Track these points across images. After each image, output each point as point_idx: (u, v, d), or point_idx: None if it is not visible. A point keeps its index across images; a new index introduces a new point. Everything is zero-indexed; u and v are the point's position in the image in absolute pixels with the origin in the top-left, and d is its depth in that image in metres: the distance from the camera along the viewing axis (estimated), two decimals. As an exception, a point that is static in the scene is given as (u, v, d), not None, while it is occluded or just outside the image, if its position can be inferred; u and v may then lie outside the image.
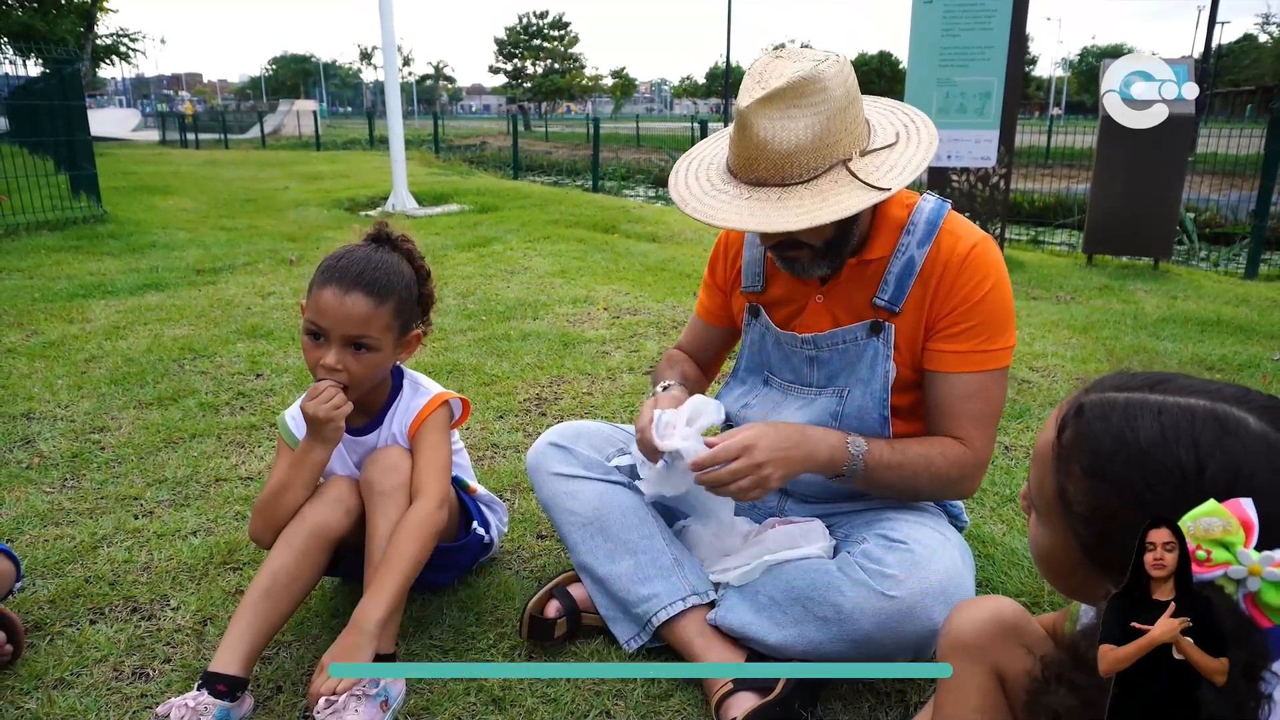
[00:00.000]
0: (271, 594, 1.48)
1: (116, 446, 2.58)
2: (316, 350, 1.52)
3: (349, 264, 1.53)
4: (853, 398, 1.53)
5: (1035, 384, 3.15)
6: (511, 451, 2.56)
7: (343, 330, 1.50)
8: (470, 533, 1.76)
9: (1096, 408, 0.82)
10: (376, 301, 1.52)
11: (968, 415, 1.47)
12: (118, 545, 2.01)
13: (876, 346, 1.50)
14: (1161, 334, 3.90)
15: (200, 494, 2.29)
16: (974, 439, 1.47)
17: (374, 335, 1.52)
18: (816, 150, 1.31)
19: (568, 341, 3.70)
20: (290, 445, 1.64)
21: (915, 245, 1.47)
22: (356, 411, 1.67)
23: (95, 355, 3.48)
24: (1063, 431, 0.84)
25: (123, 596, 1.80)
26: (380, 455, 1.62)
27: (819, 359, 1.57)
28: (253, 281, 5.02)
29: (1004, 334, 1.47)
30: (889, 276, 1.48)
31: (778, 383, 1.65)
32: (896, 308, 1.48)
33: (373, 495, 1.58)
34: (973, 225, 1.50)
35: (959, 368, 1.46)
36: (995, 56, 5.58)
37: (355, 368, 1.52)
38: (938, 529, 1.44)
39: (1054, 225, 8.92)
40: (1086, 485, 0.80)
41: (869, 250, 1.49)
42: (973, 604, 1.12)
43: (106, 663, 1.58)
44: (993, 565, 1.90)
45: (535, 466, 1.68)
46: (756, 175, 1.34)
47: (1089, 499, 0.80)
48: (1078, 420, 0.83)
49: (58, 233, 6.73)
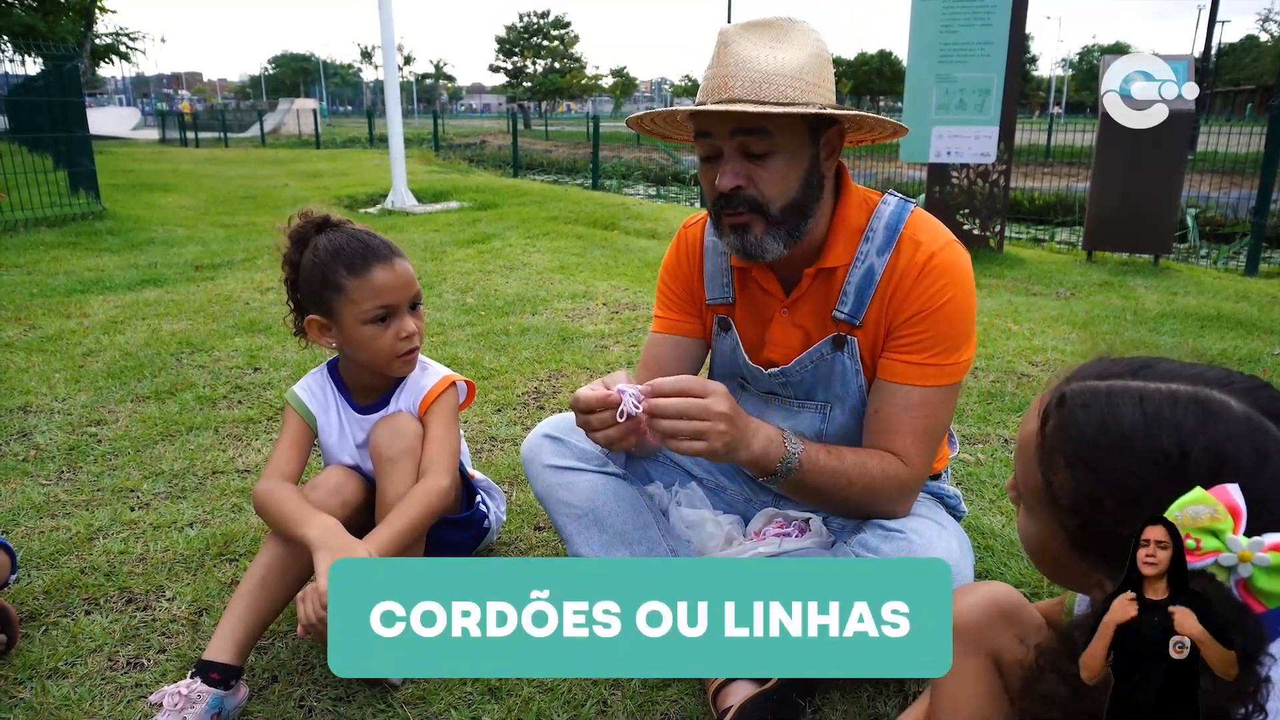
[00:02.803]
0: (266, 584, 1.48)
1: (113, 439, 2.57)
2: (385, 333, 1.55)
3: (364, 243, 1.56)
4: (834, 416, 1.50)
5: (1035, 378, 3.15)
6: (510, 444, 2.55)
7: (409, 296, 1.58)
8: (474, 508, 1.76)
9: (1078, 396, 0.81)
10: (406, 260, 1.60)
11: (909, 429, 1.37)
12: (113, 537, 2.00)
13: (844, 362, 1.44)
14: (1162, 329, 3.90)
15: (197, 486, 2.28)
16: (911, 455, 1.37)
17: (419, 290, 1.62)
18: (797, 80, 1.27)
19: (566, 336, 3.69)
20: (301, 416, 1.66)
21: (875, 253, 1.39)
22: (364, 390, 1.68)
23: (93, 350, 3.48)
24: (1045, 422, 0.83)
25: (118, 587, 1.79)
26: (389, 421, 1.62)
27: (790, 382, 1.52)
28: (251, 277, 5.01)
29: (960, 348, 1.38)
30: (848, 287, 1.41)
31: (755, 391, 1.60)
32: (857, 320, 1.41)
33: (381, 461, 1.58)
34: (940, 228, 1.41)
35: (908, 379, 1.38)
36: (995, 52, 5.57)
37: (420, 325, 1.62)
38: (934, 517, 1.43)
39: (1054, 224, 8.92)
40: (1070, 475, 0.79)
41: (826, 257, 1.42)
42: (970, 590, 1.11)
43: (101, 653, 1.57)
44: (992, 556, 1.89)
45: (530, 459, 1.67)
46: (730, 94, 1.27)
47: (1074, 489, 0.79)
48: (1060, 410, 0.82)
49: (56, 229, 6.72)
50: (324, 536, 1.41)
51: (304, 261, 1.57)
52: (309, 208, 1.64)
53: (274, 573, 1.49)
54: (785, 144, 1.32)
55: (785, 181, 1.34)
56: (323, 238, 1.57)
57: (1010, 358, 3.37)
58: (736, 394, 1.64)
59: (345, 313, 1.54)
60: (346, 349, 1.61)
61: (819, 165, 1.37)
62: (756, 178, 1.34)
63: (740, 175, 1.34)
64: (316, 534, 1.41)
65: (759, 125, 1.30)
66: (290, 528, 1.45)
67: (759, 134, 1.31)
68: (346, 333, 1.56)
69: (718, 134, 1.33)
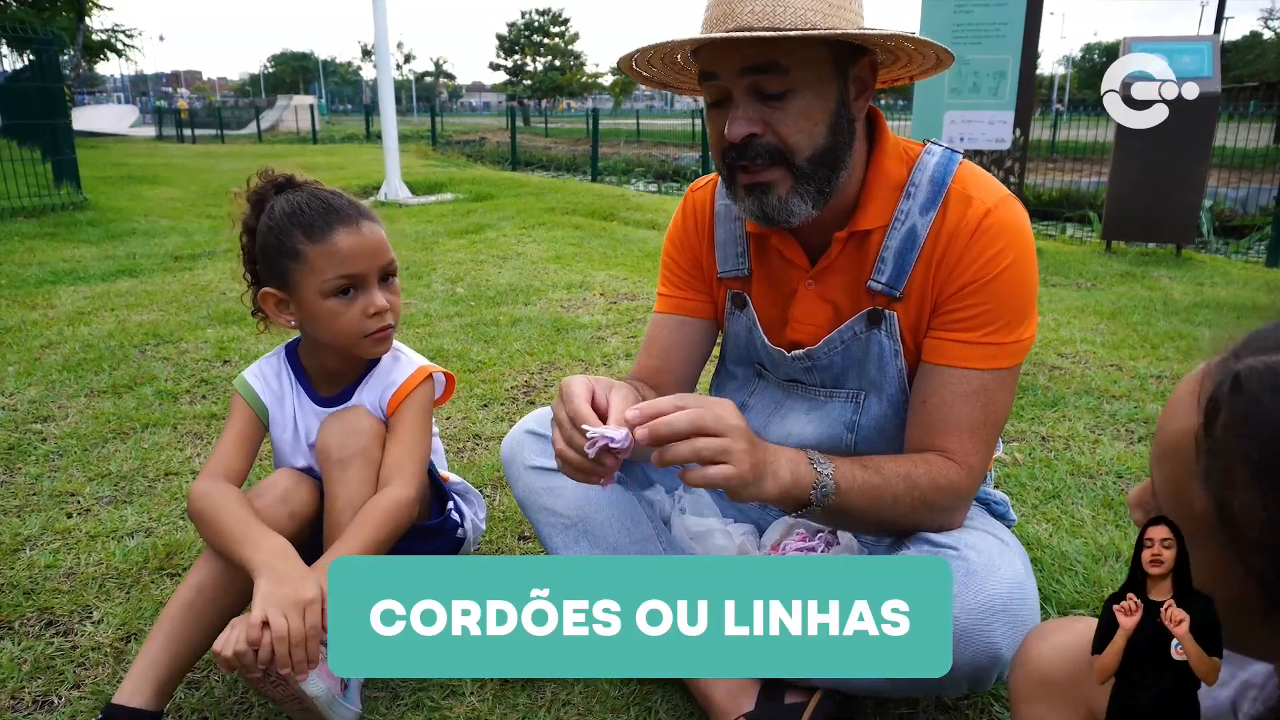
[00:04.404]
0: (194, 608, 1.24)
1: (59, 437, 2.34)
2: (351, 308, 1.32)
3: (326, 203, 1.34)
4: (870, 406, 1.25)
5: (1067, 370, 2.91)
6: (495, 443, 2.31)
7: (378, 265, 1.34)
8: (445, 515, 1.52)
9: (1262, 377, 0.56)
10: (378, 223, 1.37)
11: (964, 423, 1.14)
12: (42, 548, 1.77)
13: (881, 342, 1.21)
14: (1195, 319, 3.65)
15: (146, 489, 2.05)
16: (967, 454, 1.14)
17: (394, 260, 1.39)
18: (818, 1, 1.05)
19: (561, 327, 3.45)
20: (250, 406, 1.42)
21: (917, 211, 1.16)
22: (327, 378, 1.44)
23: (53, 341, 3.24)
24: (1213, 417, 0.57)
25: (37, 608, 1.55)
26: (341, 416, 1.38)
27: (818, 366, 1.28)
28: (231, 267, 4.76)
29: (1022, 323, 1.15)
30: (886, 253, 1.18)
31: (774, 379, 1.36)
32: (897, 291, 1.18)
33: (329, 464, 1.33)
34: (993, 182, 1.18)
35: (961, 361, 1.14)
36: (1011, 33, 5.32)
37: (395, 301, 1.38)
38: (992, 531, 1.18)
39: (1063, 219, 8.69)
40: (1261, 495, 0.54)
41: (860, 218, 1.19)
42: (1055, 629, 0.88)
43: (4, 688, 1.34)
44: (1041, 571, 1.65)
45: (510, 459, 1.43)
46: (740, 22, 1.05)
47: (1268, 516, 0.54)
48: (1237, 398, 0.56)
49: (35, 219, 6.49)
50: (270, 562, 1.16)
51: (260, 227, 1.35)
52: (270, 166, 1.42)
53: (204, 595, 1.25)
54: (806, 80, 1.08)
55: (810, 125, 1.10)
56: (281, 199, 1.35)
57: (1039, 349, 3.13)
58: (752, 383, 1.40)
59: (304, 284, 1.31)
60: (307, 327, 1.38)
61: (848, 106, 1.13)
62: (774, 122, 1.09)
63: (754, 120, 1.09)
64: (262, 559, 1.17)
65: (772, 62, 1.06)
66: (231, 546, 1.21)
67: (773, 72, 1.06)
68: (306, 308, 1.33)
69: (724, 74, 1.09)
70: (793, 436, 1.30)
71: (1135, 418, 2.47)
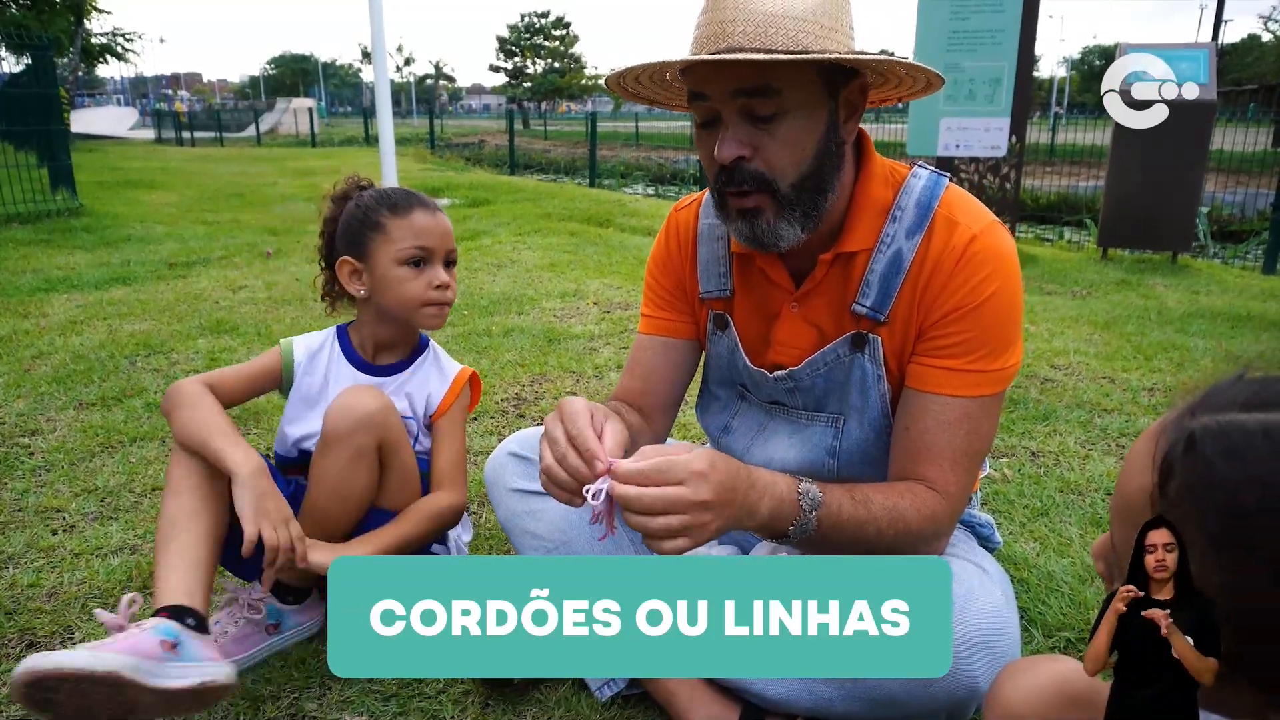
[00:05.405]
0: (177, 524, 1.31)
1: (46, 451, 2.33)
2: (420, 277, 1.47)
3: (409, 191, 1.53)
4: (849, 430, 1.25)
5: (1059, 382, 2.90)
6: (483, 458, 2.30)
7: (446, 247, 1.50)
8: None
9: (1217, 439, 0.56)
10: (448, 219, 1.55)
11: (947, 451, 1.14)
12: (25, 566, 1.76)
13: (864, 365, 1.20)
14: (1189, 329, 3.65)
15: (132, 505, 2.04)
16: (948, 483, 1.13)
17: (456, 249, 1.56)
18: (810, 22, 1.03)
19: (553, 337, 3.45)
20: (281, 361, 1.53)
21: (903, 235, 1.16)
22: (382, 346, 1.56)
23: (44, 352, 3.23)
24: (1167, 478, 0.58)
25: (18, 629, 1.55)
26: (352, 390, 1.42)
27: (800, 388, 1.27)
28: (225, 275, 4.77)
29: (1006, 350, 1.14)
30: (871, 276, 1.17)
31: (757, 401, 1.35)
32: (881, 315, 1.17)
33: (321, 439, 1.39)
34: (980, 207, 1.18)
35: (945, 388, 1.14)
36: (1007, 40, 5.32)
37: (454, 285, 1.53)
38: (973, 559, 1.18)
39: (1060, 223, 8.69)
40: (1218, 561, 0.55)
41: (846, 240, 1.18)
42: (1029, 667, 0.87)
43: (-19, 713, 1.33)
44: (1027, 592, 1.65)
45: (493, 481, 1.43)
46: (731, 43, 1.05)
47: (1225, 581, 0.54)
48: (1190, 460, 0.56)
49: (29, 226, 6.48)
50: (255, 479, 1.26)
51: (345, 211, 1.52)
52: (354, 175, 1.61)
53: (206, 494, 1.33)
54: (797, 102, 1.07)
55: (797, 150, 1.09)
56: (368, 192, 1.55)
57: (1030, 361, 3.13)
58: (735, 405, 1.39)
59: (380, 252, 1.47)
60: (375, 296, 1.50)
61: (838, 129, 1.12)
62: (763, 146, 1.08)
63: (743, 143, 1.08)
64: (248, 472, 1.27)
65: (763, 85, 1.05)
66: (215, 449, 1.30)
67: (764, 95, 1.06)
68: (378, 274, 1.47)
69: (715, 95, 1.08)
70: (775, 461, 1.29)
71: (1126, 432, 2.47)
